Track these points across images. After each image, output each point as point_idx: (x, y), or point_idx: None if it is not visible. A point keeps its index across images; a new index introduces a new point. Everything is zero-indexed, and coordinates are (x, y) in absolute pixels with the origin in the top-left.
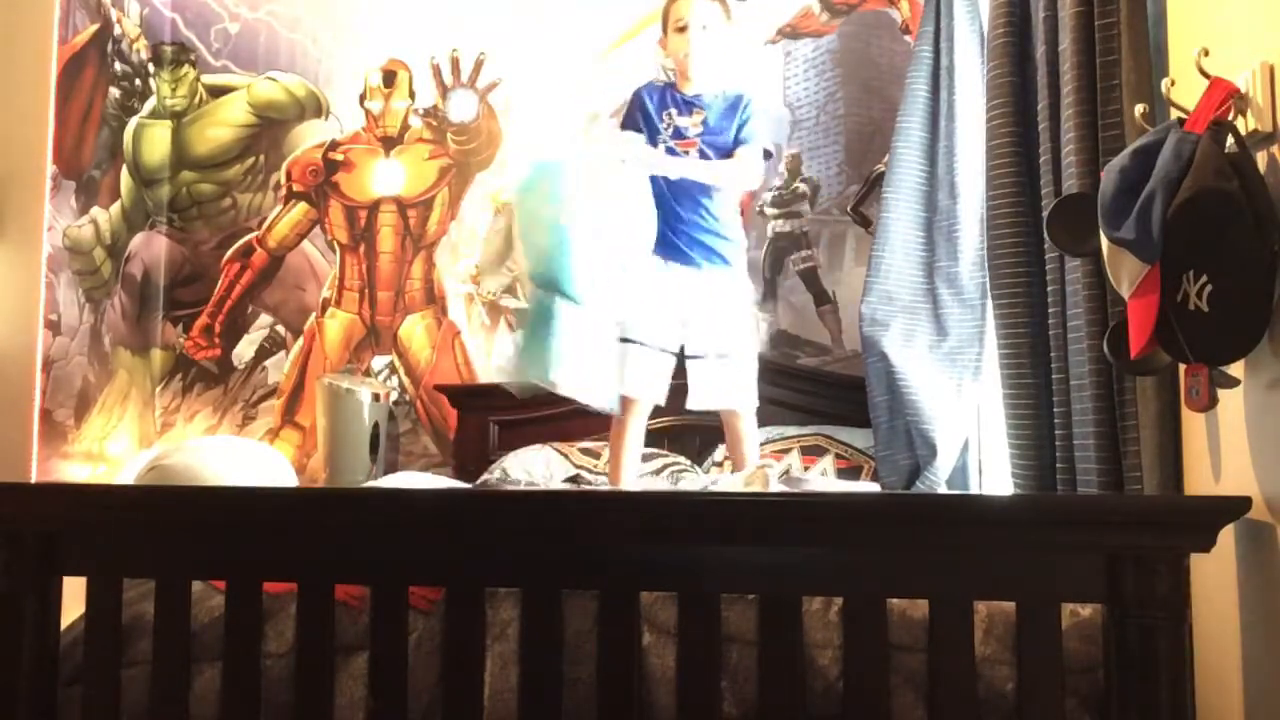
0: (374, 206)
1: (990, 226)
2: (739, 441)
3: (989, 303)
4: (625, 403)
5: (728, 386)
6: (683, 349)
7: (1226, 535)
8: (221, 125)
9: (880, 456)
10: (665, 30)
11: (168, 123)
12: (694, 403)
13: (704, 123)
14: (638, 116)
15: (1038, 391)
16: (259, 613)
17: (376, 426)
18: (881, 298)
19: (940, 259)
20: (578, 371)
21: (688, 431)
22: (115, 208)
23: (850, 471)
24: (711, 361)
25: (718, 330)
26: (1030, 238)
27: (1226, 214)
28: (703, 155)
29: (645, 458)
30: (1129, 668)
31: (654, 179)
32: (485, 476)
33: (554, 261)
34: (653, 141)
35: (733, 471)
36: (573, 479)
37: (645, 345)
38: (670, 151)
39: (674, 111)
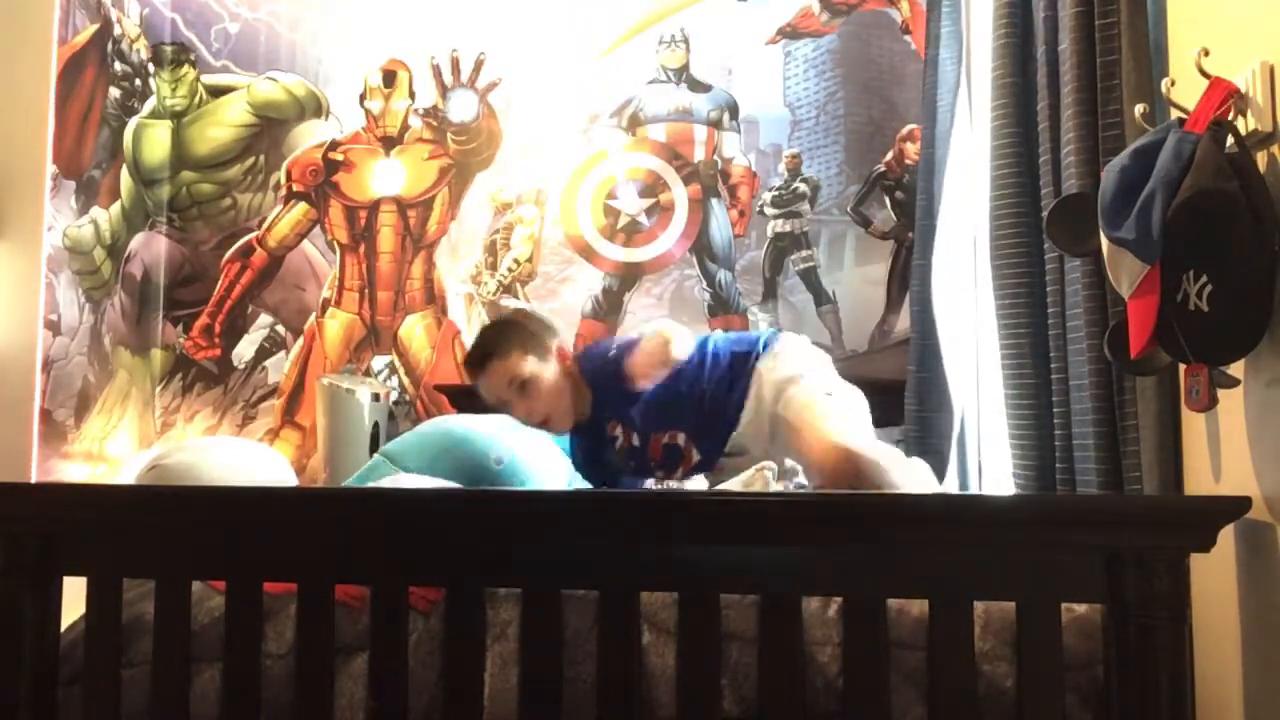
0: (374, 206)
1: (992, 226)
2: None
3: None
4: None
5: None
6: None
7: (1226, 535)
8: (221, 125)
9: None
10: None
11: (168, 123)
12: None
13: None
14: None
15: (1038, 391)
16: (259, 613)
17: (376, 426)
18: None
19: None
20: None
21: None
22: (115, 208)
23: None
24: None
25: None
26: (1031, 238)
27: (1226, 214)
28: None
29: None
30: (1129, 668)
31: None
32: None
33: None
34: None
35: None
36: None
37: None
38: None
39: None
